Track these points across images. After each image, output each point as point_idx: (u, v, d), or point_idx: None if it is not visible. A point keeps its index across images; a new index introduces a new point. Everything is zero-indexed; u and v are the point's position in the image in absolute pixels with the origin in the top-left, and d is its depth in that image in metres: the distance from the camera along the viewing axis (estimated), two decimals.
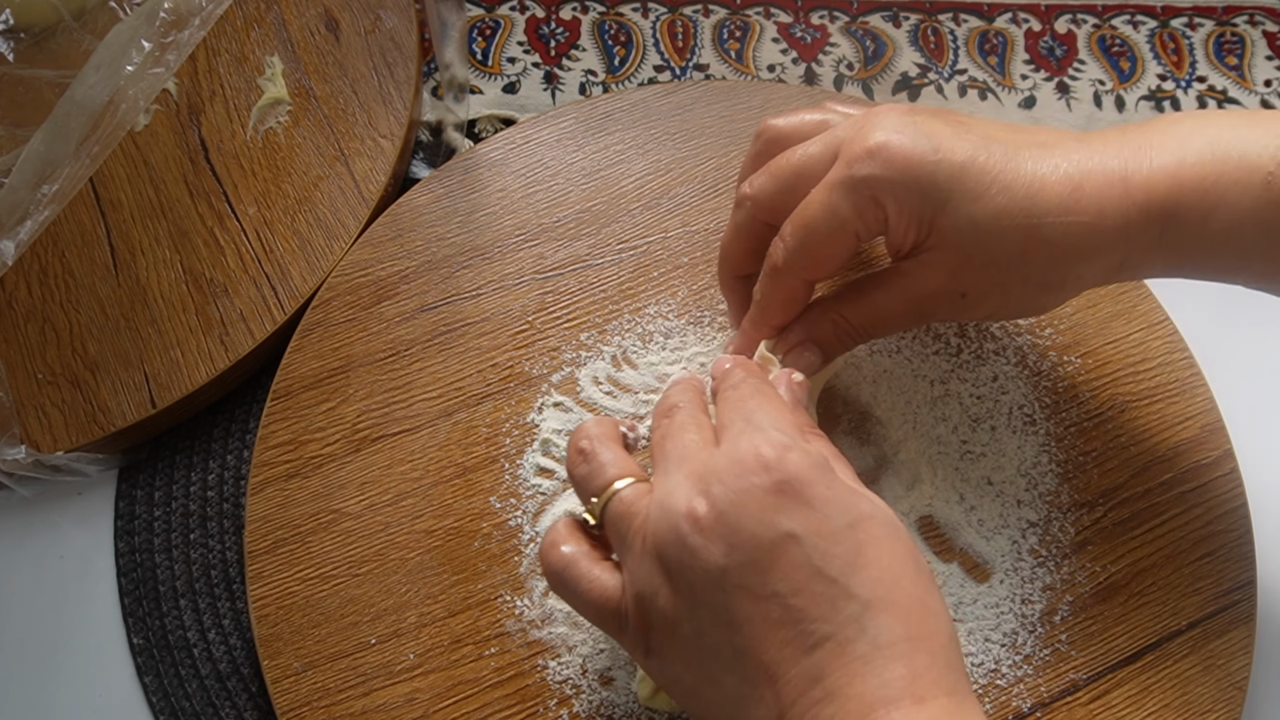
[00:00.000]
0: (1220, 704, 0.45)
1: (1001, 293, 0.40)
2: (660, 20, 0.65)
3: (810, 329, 0.43)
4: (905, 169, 0.38)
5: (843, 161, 0.39)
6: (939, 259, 0.40)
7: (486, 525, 0.48)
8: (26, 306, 0.53)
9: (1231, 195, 0.36)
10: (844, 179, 0.38)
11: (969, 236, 0.38)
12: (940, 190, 0.38)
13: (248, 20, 0.60)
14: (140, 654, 0.49)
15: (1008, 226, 0.38)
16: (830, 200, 0.39)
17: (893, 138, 0.38)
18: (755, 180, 0.43)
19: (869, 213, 0.39)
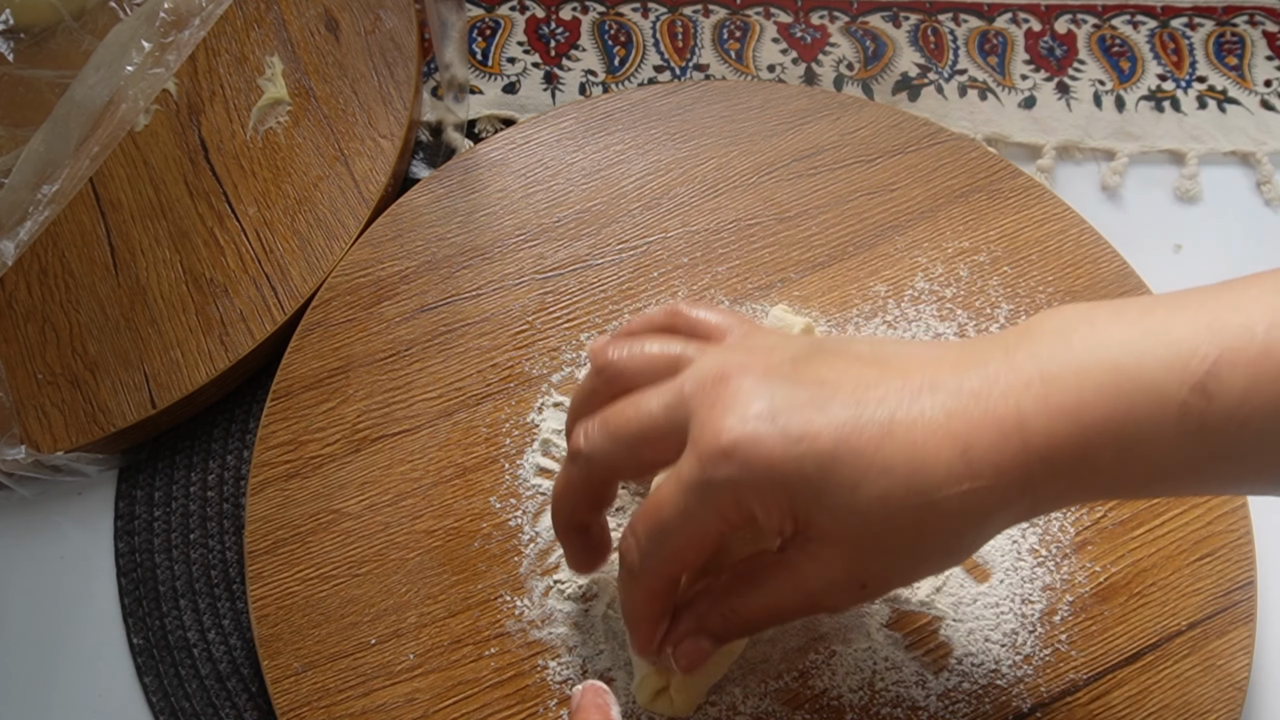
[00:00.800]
0: (1220, 704, 0.45)
1: (905, 574, 0.37)
2: (660, 20, 0.65)
3: (701, 620, 0.39)
4: (768, 468, 0.33)
5: (695, 458, 0.34)
6: (827, 552, 0.35)
7: (486, 525, 0.48)
8: (26, 306, 0.53)
9: (1146, 433, 0.31)
10: (698, 482, 0.34)
11: (853, 528, 0.34)
12: (811, 484, 0.33)
13: (248, 20, 0.60)
14: (140, 654, 0.49)
15: (896, 510, 0.33)
16: (685, 503, 0.34)
17: (747, 431, 0.33)
18: (593, 436, 0.38)
19: (731, 514, 0.35)
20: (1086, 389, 0.32)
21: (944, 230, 0.55)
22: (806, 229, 0.55)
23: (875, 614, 0.46)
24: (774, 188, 0.56)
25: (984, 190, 0.56)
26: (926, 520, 0.33)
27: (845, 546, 0.34)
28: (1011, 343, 0.34)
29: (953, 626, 0.46)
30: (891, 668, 0.45)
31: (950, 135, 0.58)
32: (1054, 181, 0.61)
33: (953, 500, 0.32)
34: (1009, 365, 0.33)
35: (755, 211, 0.55)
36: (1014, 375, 0.33)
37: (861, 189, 0.56)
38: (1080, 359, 0.32)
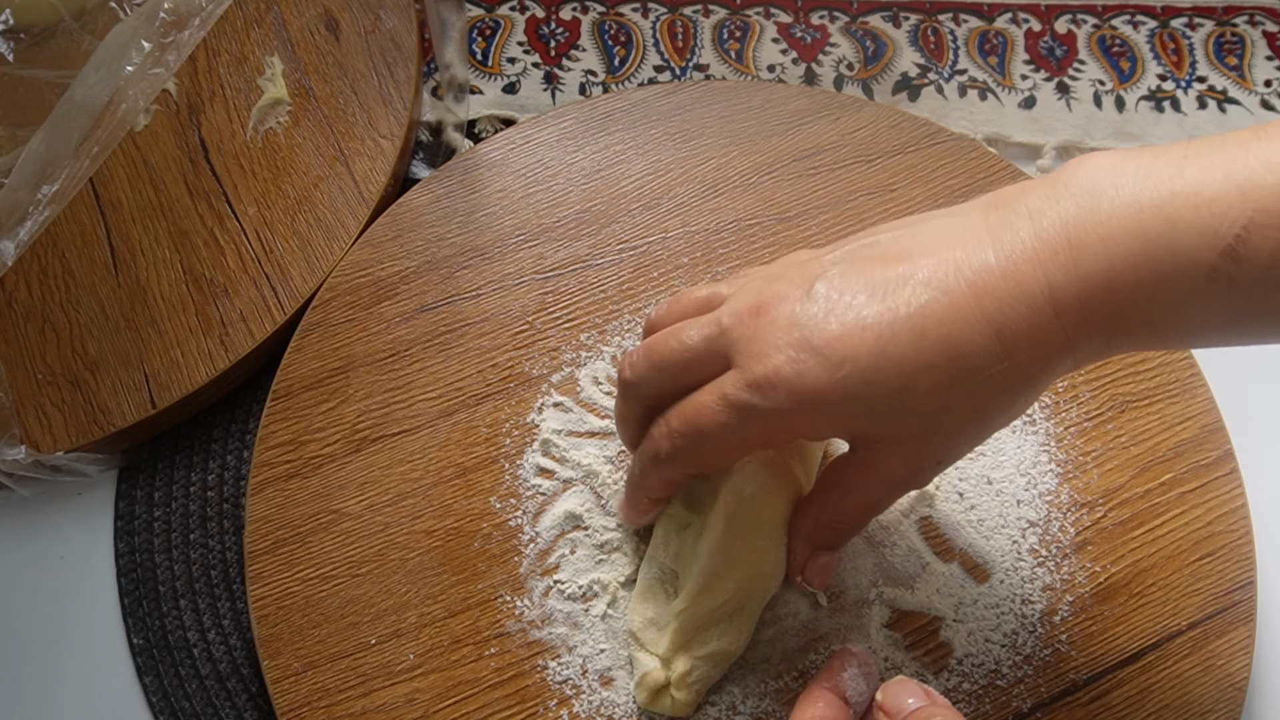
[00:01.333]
0: (1220, 705, 0.45)
1: (975, 440, 0.37)
2: (660, 20, 0.65)
3: (813, 540, 0.41)
4: (814, 397, 0.34)
5: (742, 382, 0.35)
6: (895, 450, 0.36)
7: (486, 525, 0.48)
8: (26, 307, 0.53)
9: (1175, 298, 0.32)
10: (744, 404, 0.35)
11: (912, 425, 0.35)
12: (860, 402, 0.34)
13: (248, 20, 0.60)
14: (140, 654, 0.49)
15: (946, 400, 0.34)
16: (727, 418, 0.36)
17: (790, 363, 0.34)
18: (637, 365, 0.40)
19: (775, 436, 0.37)
20: (1116, 256, 0.32)
21: None
22: (806, 229, 0.55)
23: (875, 614, 0.46)
24: (774, 188, 0.56)
25: (984, 190, 0.56)
26: (977, 398, 0.34)
27: (911, 442, 0.36)
28: (1037, 203, 0.34)
29: (952, 627, 0.46)
30: (892, 668, 0.45)
31: (950, 135, 0.58)
32: None
33: (996, 377, 0.33)
34: (1035, 233, 0.33)
35: (755, 211, 0.55)
36: (1041, 244, 0.33)
37: (861, 189, 0.56)
38: (1109, 225, 0.32)
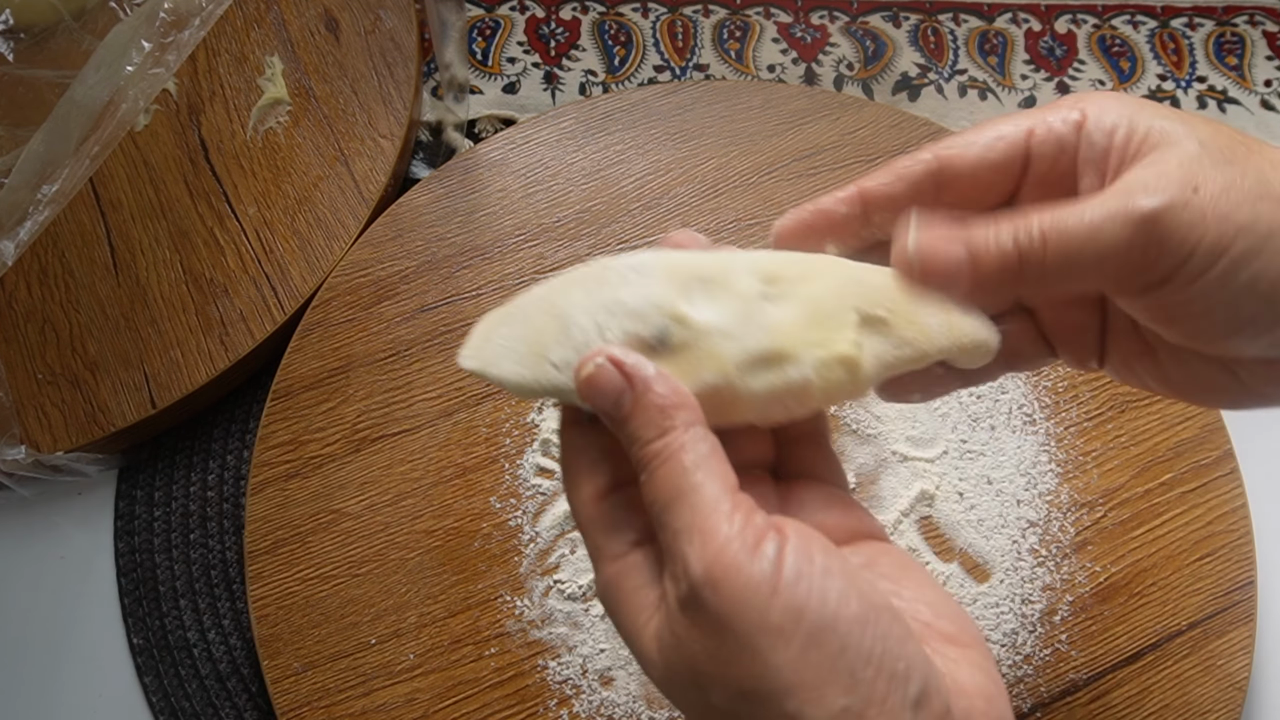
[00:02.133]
0: (1220, 704, 0.45)
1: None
2: (660, 20, 0.65)
3: (969, 235, 0.30)
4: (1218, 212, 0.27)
5: (1122, 189, 0.28)
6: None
7: (486, 525, 0.48)
8: (26, 307, 0.53)
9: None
10: (1140, 218, 0.28)
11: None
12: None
13: (248, 20, 0.60)
14: (140, 654, 0.49)
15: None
16: (1113, 238, 0.28)
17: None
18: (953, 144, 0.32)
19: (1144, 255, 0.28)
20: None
21: None
22: None
23: None
24: (774, 188, 0.56)
25: None
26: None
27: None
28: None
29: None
30: None
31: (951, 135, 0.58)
32: None
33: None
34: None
35: (755, 211, 0.55)
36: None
37: None
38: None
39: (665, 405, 0.28)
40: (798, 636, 0.25)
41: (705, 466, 0.27)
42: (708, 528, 0.26)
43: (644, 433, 0.28)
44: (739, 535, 0.26)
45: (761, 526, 0.26)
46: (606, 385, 0.28)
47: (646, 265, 0.30)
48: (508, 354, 0.30)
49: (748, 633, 0.25)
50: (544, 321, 0.30)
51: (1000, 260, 0.30)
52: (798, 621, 0.25)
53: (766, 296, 0.30)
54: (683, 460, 0.27)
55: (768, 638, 0.25)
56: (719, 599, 0.25)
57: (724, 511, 0.26)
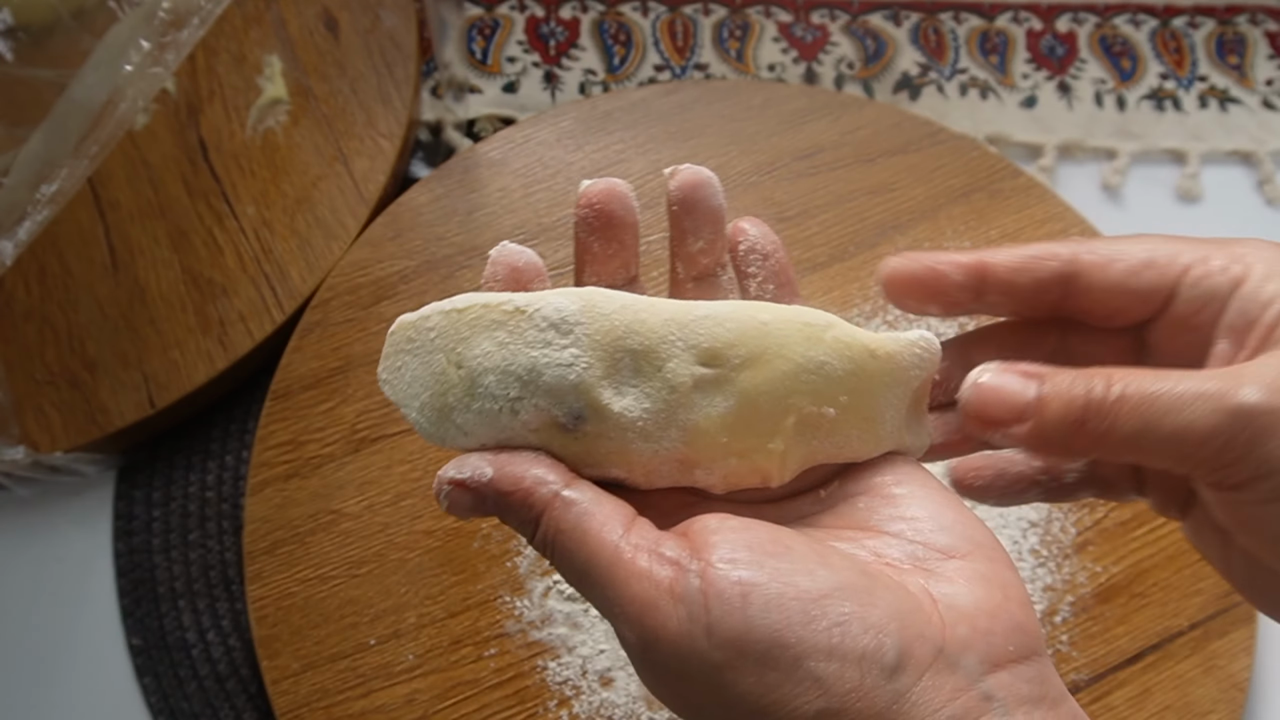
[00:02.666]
0: (1221, 705, 0.45)
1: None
2: (660, 19, 0.65)
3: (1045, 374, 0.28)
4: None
5: (1242, 379, 0.26)
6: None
7: (486, 526, 0.48)
8: (25, 306, 0.53)
9: None
10: (1235, 410, 0.25)
11: None
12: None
13: (247, 19, 0.60)
14: (139, 654, 0.49)
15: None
16: (1197, 420, 0.26)
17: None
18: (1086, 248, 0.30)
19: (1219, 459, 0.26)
20: None
21: (945, 230, 0.55)
22: (807, 229, 0.55)
23: None
24: (774, 188, 0.56)
25: (985, 190, 0.56)
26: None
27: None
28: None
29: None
30: None
31: (951, 135, 0.58)
32: (1055, 181, 0.61)
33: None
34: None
35: (755, 211, 0.55)
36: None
37: (862, 189, 0.56)
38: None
39: (519, 494, 0.27)
40: (747, 665, 0.24)
41: (589, 527, 0.26)
42: (621, 595, 0.25)
43: (524, 530, 0.27)
44: (652, 589, 0.25)
45: (672, 569, 0.25)
46: (464, 505, 0.27)
47: (569, 321, 0.27)
48: (415, 395, 0.28)
49: (701, 677, 0.25)
50: (448, 371, 0.27)
51: (1064, 414, 0.27)
52: (742, 652, 0.24)
53: (699, 385, 0.27)
54: (565, 541, 0.26)
55: (720, 676, 0.25)
56: (661, 657, 0.25)
57: (625, 566, 0.25)
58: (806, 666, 0.24)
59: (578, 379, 0.26)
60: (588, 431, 0.27)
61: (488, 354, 0.27)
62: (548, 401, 0.26)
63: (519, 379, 0.26)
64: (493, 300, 0.27)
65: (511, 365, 0.26)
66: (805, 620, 0.25)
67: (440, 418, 0.28)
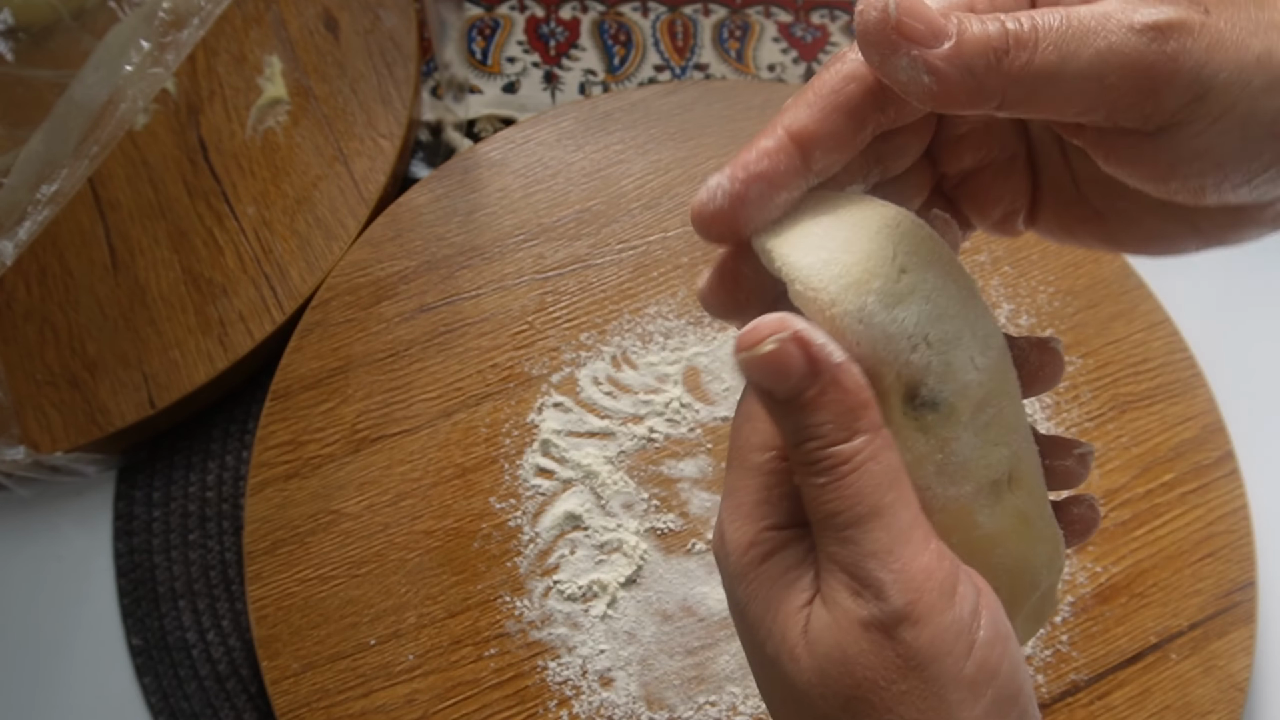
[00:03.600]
0: (1221, 705, 0.45)
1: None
2: (660, 20, 0.65)
3: (957, 13, 0.24)
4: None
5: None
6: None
7: (486, 526, 0.48)
8: (25, 307, 0.53)
9: None
10: (1157, 24, 0.23)
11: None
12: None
13: (247, 20, 0.60)
14: (139, 655, 0.49)
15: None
16: (1120, 41, 0.23)
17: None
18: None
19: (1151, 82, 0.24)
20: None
21: None
22: None
23: None
24: None
25: None
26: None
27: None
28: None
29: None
30: None
31: None
32: None
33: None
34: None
35: None
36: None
37: None
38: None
39: (855, 404, 0.24)
40: (985, 698, 0.24)
41: (898, 484, 0.25)
42: (907, 556, 0.24)
43: (828, 431, 0.24)
44: (939, 571, 0.24)
45: (955, 566, 0.25)
46: (789, 366, 0.24)
47: (995, 347, 0.26)
48: (821, 251, 0.25)
49: (941, 680, 0.24)
50: (891, 265, 0.25)
51: (985, 42, 0.23)
52: (989, 683, 0.24)
53: (994, 489, 0.26)
54: (875, 473, 0.24)
55: (959, 691, 0.24)
56: (918, 637, 0.24)
57: (919, 539, 0.24)
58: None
59: (979, 386, 0.25)
60: (922, 421, 0.25)
61: (935, 290, 0.25)
62: (941, 369, 0.25)
63: (946, 336, 0.25)
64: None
65: (949, 317, 0.25)
66: (1029, 696, 0.25)
67: (853, 287, 0.25)
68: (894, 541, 0.24)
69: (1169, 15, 0.23)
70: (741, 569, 0.27)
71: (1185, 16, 0.23)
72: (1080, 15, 0.24)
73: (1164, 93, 0.23)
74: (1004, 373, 0.26)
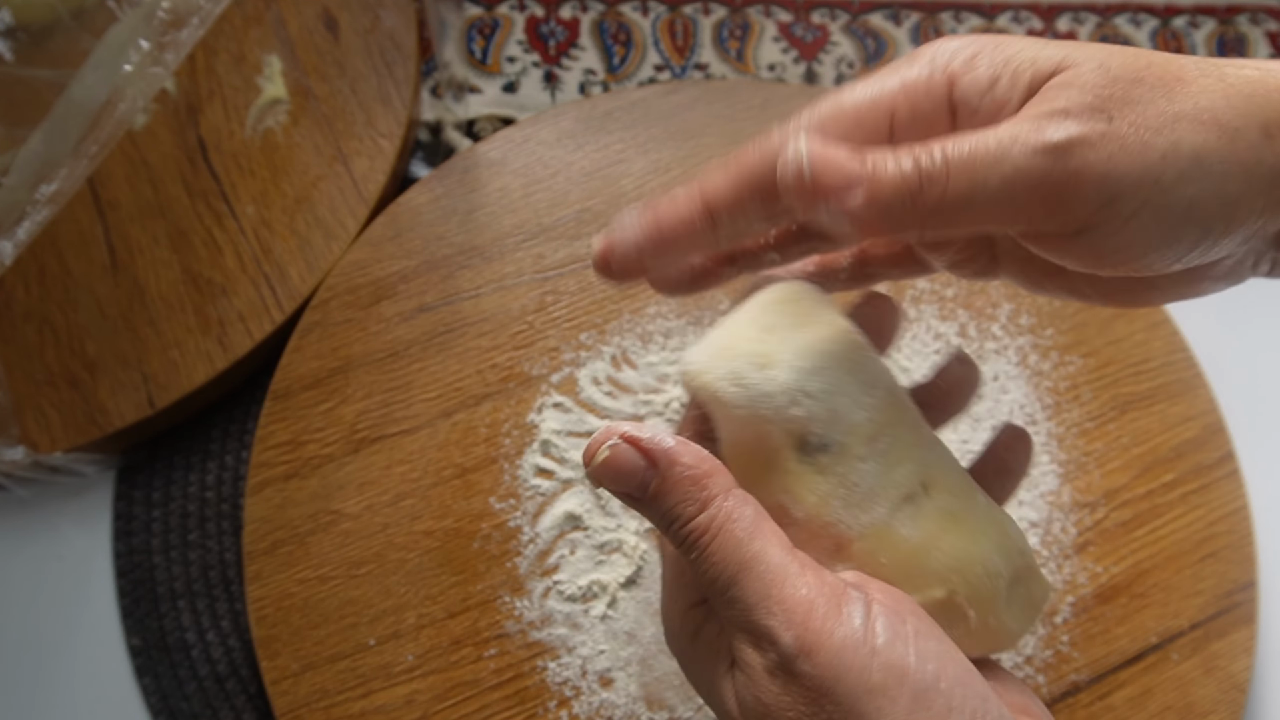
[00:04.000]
0: (1221, 705, 0.45)
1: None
2: (660, 19, 0.65)
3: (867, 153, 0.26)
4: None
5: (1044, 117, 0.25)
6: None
7: (486, 526, 0.48)
8: (25, 307, 0.53)
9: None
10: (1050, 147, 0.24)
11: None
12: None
13: (246, 19, 0.60)
14: (138, 655, 0.49)
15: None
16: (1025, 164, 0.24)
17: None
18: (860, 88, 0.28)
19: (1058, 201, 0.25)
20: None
21: None
22: None
23: None
24: None
25: None
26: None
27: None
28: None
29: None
30: None
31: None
32: None
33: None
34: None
35: None
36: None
37: None
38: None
39: (696, 476, 0.26)
40: (902, 697, 0.24)
41: (759, 533, 0.26)
42: (785, 595, 0.25)
43: (682, 510, 0.26)
44: (819, 597, 0.25)
45: (836, 584, 0.25)
46: (627, 467, 0.26)
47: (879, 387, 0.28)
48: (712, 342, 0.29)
49: (851, 695, 0.24)
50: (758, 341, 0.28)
51: (900, 183, 0.25)
52: (900, 681, 0.24)
53: (910, 499, 0.28)
54: (733, 532, 0.26)
55: (873, 699, 0.24)
56: (815, 666, 0.24)
57: (794, 573, 0.25)
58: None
59: (869, 422, 0.27)
60: (817, 463, 0.27)
61: (806, 349, 0.27)
62: (825, 415, 0.27)
63: (826, 387, 0.27)
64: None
65: (826, 369, 0.27)
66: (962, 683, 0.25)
67: (721, 353, 0.28)
68: (769, 586, 0.25)
69: (1069, 133, 0.24)
70: (680, 651, 0.29)
71: (1086, 131, 0.24)
72: (987, 142, 0.25)
73: (1072, 204, 0.25)
74: (896, 404, 0.28)
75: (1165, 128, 0.25)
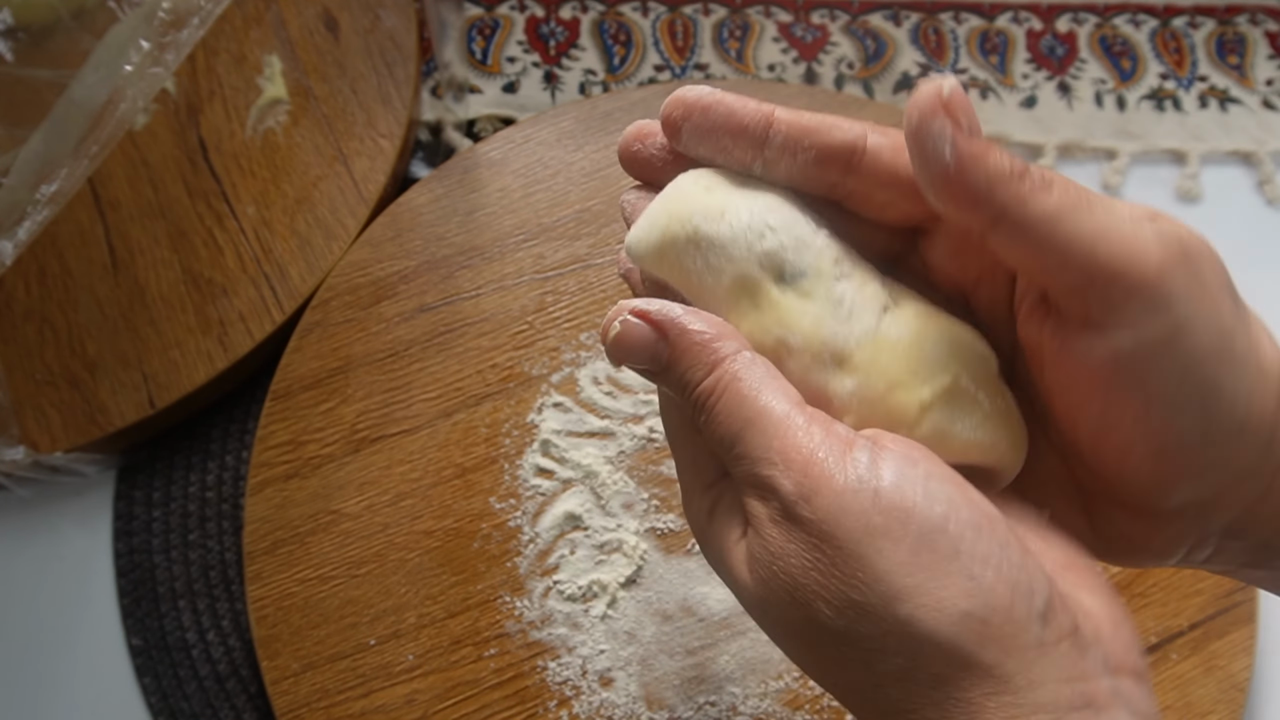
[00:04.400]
0: (1221, 705, 0.45)
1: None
2: (660, 19, 0.65)
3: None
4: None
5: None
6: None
7: (486, 526, 0.48)
8: (25, 306, 0.53)
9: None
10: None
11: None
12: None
13: (247, 19, 0.60)
14: (139, 655, 0.49)
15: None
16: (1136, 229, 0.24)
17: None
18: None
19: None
20: None
21: None
22: None
23: None
24: None
25: None
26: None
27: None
28: None
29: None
30: None
31: None
32: None
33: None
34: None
35: None
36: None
37: None
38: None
39: (706, 341, 0.26)
40: (906, 538, 0.23)
41: (766, 388, 0.25)
42: (787, 446, 0.24)
43: (691, 375, 0.26)
44: (823, 445, 0.24)
45: (846, 435, 0.25)
46: (639, 341, 0.26)
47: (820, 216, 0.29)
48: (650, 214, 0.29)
49: (851, 538, 0.23)
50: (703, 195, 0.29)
51: (1007, 162, 0.25)
52: (904, 523, 0.23)
53: (888, 309, 0.28)
54: (740, 389, 0.25)
55: (873, 541, 0.23)
56: (815, 509, 0.24)
57: (799, 425, 0.25)
58: (963, 563, 0.23)
59: (828, 248, 0.28)
60: (800, 288, 0.28)
61: (752, 197, 0.28)
62: (792, 243, 0.28)
63: (783, 221, 0.28)
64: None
65: (776, 209, 0.28)
66: (975, 527, 0.24)
67: (671, 223, 0.28)
68: (772, 438, 0.25)
69: (1179, 231, 0.24)
70: (700, 532, 0.28)
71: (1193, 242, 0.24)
72: (1100, 195, 0.25)
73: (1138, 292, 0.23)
74: (839, 237, 0.29)
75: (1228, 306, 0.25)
